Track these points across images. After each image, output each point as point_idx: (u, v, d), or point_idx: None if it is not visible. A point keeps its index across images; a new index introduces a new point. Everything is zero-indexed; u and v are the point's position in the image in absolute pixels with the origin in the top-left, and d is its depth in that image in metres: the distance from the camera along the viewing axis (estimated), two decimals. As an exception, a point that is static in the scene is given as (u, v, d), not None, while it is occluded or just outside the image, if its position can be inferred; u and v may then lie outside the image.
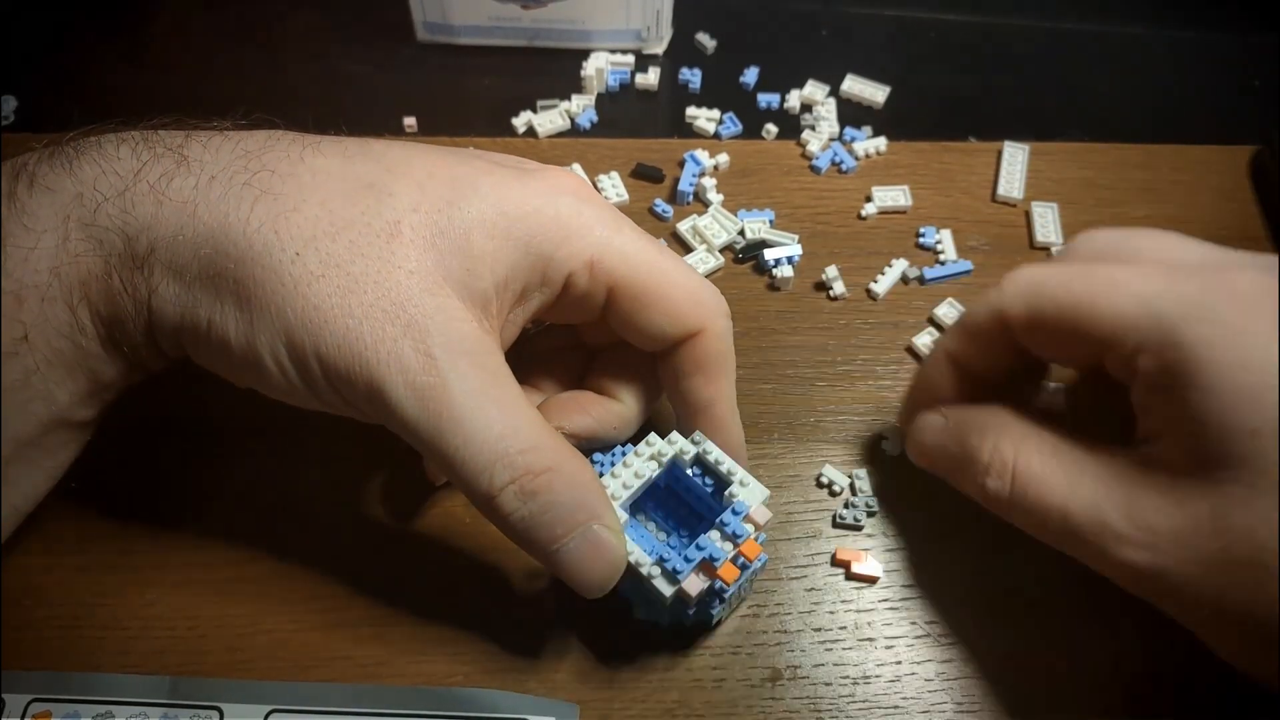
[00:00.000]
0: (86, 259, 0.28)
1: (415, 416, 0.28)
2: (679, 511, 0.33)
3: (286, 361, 0.28)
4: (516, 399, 0.29)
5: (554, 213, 0.30)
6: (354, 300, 0.28)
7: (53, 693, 0.31)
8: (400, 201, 0.29)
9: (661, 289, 0.31)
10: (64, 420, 0.30)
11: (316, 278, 0.28)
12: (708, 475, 0.32)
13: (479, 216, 0.29)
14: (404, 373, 0.27)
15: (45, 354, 0.29)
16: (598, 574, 0.29)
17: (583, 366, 0.36)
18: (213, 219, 0.28)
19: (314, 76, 0.50)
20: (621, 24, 0.50)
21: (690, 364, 0.32)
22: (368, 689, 0.32)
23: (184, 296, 0.29)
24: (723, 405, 0.33)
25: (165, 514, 0.35)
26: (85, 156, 0.29)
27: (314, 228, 0.28)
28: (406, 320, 0.28)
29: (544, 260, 0.30)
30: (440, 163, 0.30)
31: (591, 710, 0.32)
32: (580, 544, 0.28)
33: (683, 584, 0.29)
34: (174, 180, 0.29)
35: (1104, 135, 0.48)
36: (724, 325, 0.32)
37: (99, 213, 0.28)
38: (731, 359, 0.33)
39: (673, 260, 0.32)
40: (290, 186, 0.29)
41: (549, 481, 0.28)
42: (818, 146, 0.47)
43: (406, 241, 0.28)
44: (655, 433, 0.32)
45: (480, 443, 0.28)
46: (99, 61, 0.50)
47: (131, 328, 0.29)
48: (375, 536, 0.35)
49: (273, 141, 0.30)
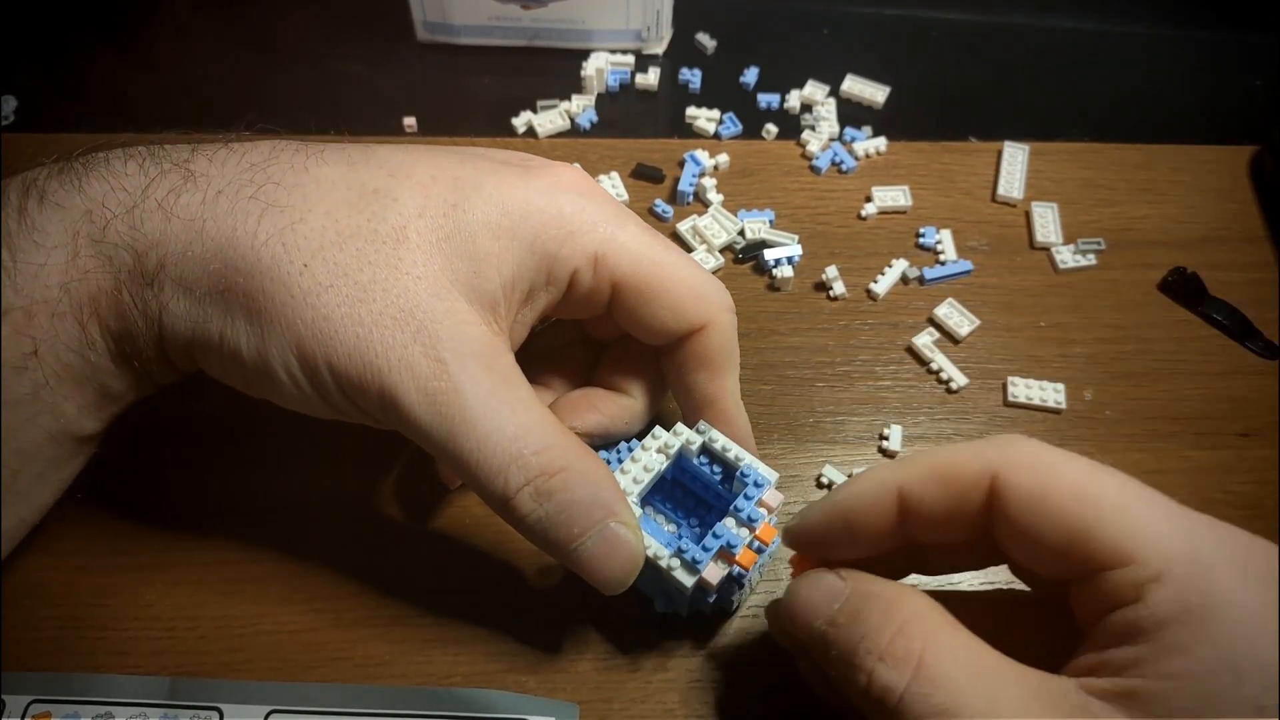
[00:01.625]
0: (96, 275, 0.29)
1: (428, 421, 0.28)
2: (686, 502, 0.34)
3: (299, 373, 0.28)
4: (528, 400, 0.29)
5: (557, 210, 0.30)
6: (363, 309, 0.28)
7: (53, 693, 0.31)
8: (405, 207, 0.29)
9: (665, 284, 0.31)
10: (71, 433, 0.30)
11: (325, 288, 0.28)
12: (715, 463, 0.32)
13: (483, 218, 0.29)
14: (415, 378, 0.28)
15: (54, 368, 0.29)
16: (617, 571, 0.29)
17: (590, 361, 0.36)
18: (221, 234, 0.28)
19: (314, 76, 0.50)
20: (621, 24, 0.50)
21: (694, 359, 0.32)
22: (368, 689, 0.32)
23: (195, 311, 0.29)
24: (728, 399, 0.33)
25: (165, 515, 0.35)
26: (94, 173, 0.29)
27: (321, 238, 0.28)
28: (416, 326, 0.28)
29: (549, 258, 0.30)
30: (443, 165, 0.30)
31: (591, 710, 0.32)
32: (598, 542, 0.29)
33: (703, 573, 0.30)
34: (181, 196, 0.29)
35: (1104, 135, 0.48)
36: (728, 320, 0.32)
37: (108, 229, 0.28)
38: (735, 353, 0.33)
39: (677, 255, 0.32)
40: (296, 198, 0.29)
41: (564, 481, 0.28)
42: (818, 146, 0.47)
43: (413, 247, 0.29)
44: (660, 426, 0.33)
45: (494, 445, 0.28)
46: (99, 61, 0.50)
47: (142, 343, 0.29)
48: (375, 537, 0.35)
49: (277, 153, 0.30)
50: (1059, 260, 0.43)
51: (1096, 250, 0.44)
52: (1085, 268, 0.43)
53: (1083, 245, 0.44)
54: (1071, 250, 0.44)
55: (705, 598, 0.32)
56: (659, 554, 0.30)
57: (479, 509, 0.36)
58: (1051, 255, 0.44)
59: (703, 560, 0.30)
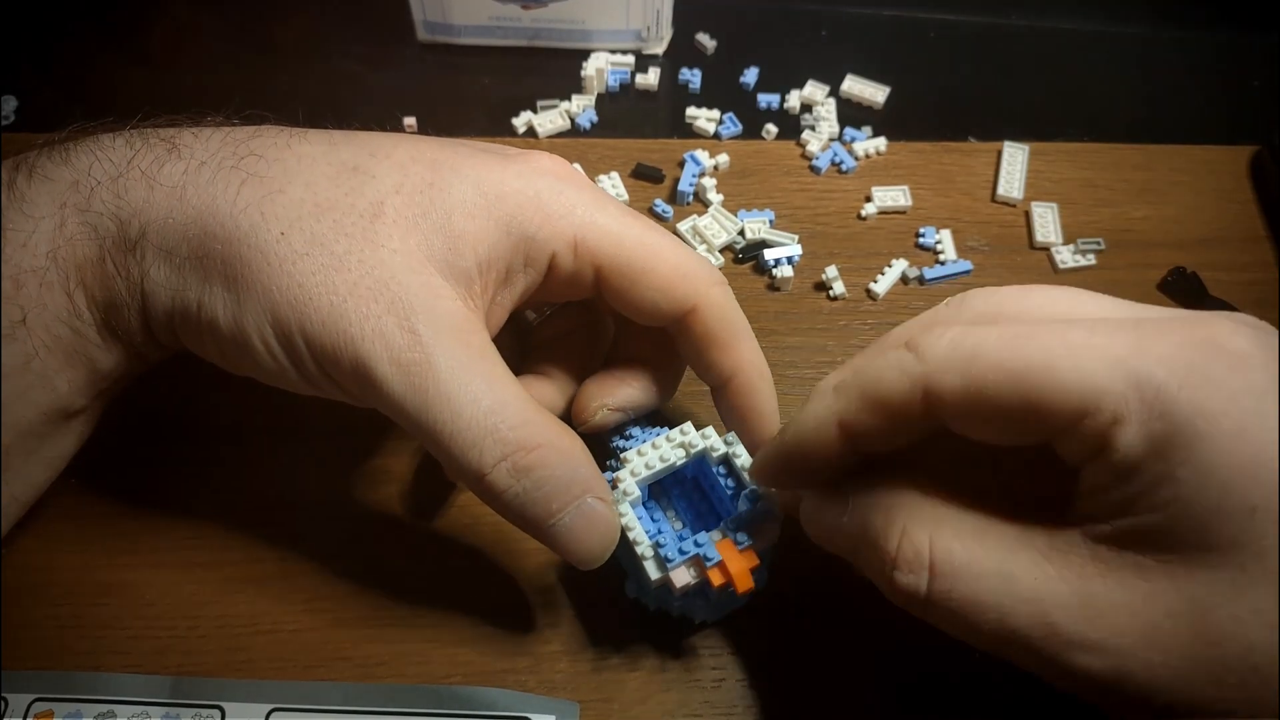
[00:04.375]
0: (82, 243, 0.29)
1: (401, 393, 0.28)
2: (699, 506, 0.33)
3: (273, 341, 0.29)
4: (503, 375, 0.29)
5: (534, 193, 0.30)
6: (338, 278, 0.28)
7: (55, 692, 0.31)
8: (383, 183, 0.29)
9: (648, 264, 0.31)
10: (64, 409, 0.30)
11: (301, 256, 0.28)
12: (731, 477, 0.32)
13: (460, 198, 0.30)
14: (389, 349, 0.28)
15: (44, 339, 0.29)
16: (593, 546, 0.29)
17: (590, 349, 0.36)
18: (201, 202, 0.29)
19: (314, 76, 0.50)
20: (621, 24, 0.50)
21: (698, 339, 0.32)
22: (368, 688, 0.32)
23: (174, 279, 0.29)
24: (747, 371, 0.33)
25: (166, 514, 0.35)
26: (81, 147, 0.30)
27: (299, 208, 0.29)
28: (390, 298, 0.28)
29: (525, 241, 0.30)
30: (423, 147, 0.31)
31: (591, 710, 0.32)
32: (575, 518, 0.29)
33: (670, 572, 0.30)
34: (165, 166, 0.29)
35: (1104, 135, 0.48)
36: (718, 294, 0.32)
37: (93, 198, 0.29)
38: (741, 324, 0.33)
39: (659, 235, 0.32)
40: (276, 170, 0.29)
41: (542, 458, 0.28)
42: (818, 147, 0.47)
43: (389, 221, 0.29)
44: (692, 423, 0.32)
45: (469, 418, 0.28)
46: (99, 61, 0.50)
47: (126, 313, 0.30)
48: (376, 537, 0.35)
49: (261, 131, 0.31)
50: (1059, 260, 0.43)
51: (1096, 250, 0.44)
52: (1085, 268, 0.43)
53: (1082, 245, 0.44)
54: (1071, 250, 0.44)
55: (672, 599, 0.31)
56: (638, 539, 0.30)
57: (479, 509, 0.36)
58: (1051, 255, 0.44)
59: (674, 561, 0.29)
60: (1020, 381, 0.23)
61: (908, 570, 0.25)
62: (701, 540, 0.30)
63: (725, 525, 0.30)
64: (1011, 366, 0.23)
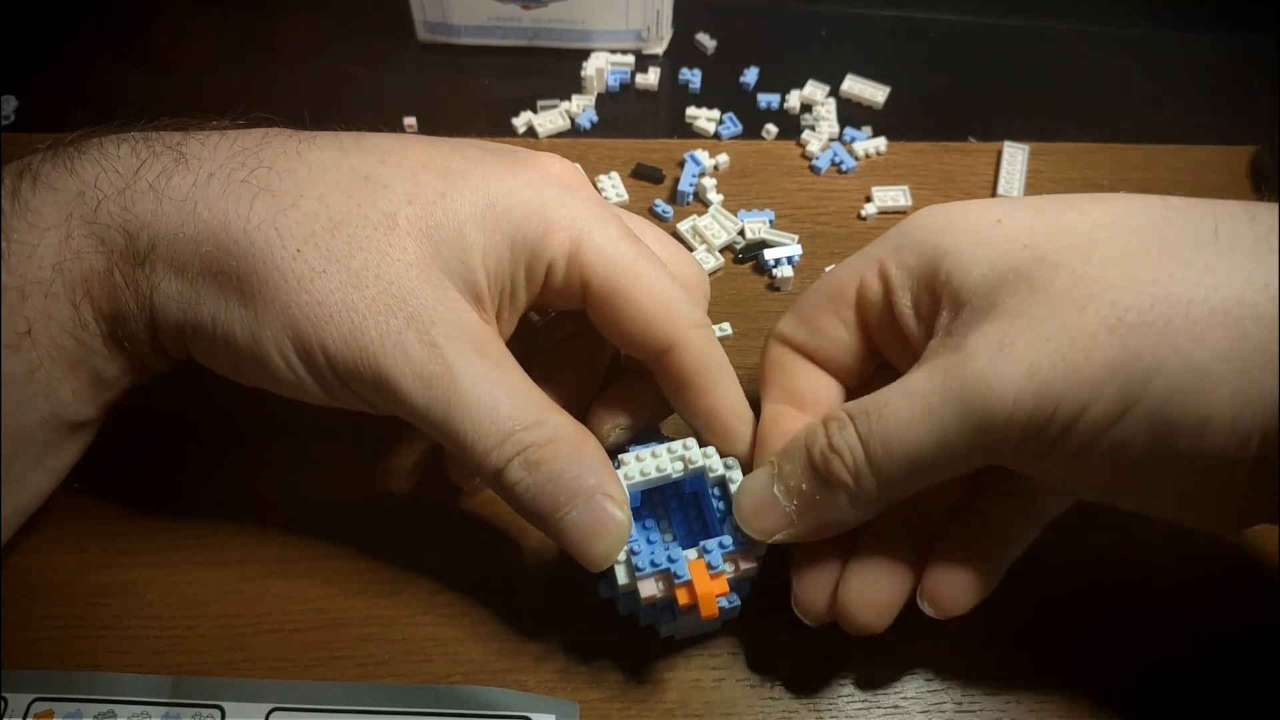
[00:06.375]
0: (89, 255, 0.29)
1: (425, 405, 0.28)
2: (694, 524, 0.33)
3: (293, 357, 0.29)
4: (521, 380, 0.30)
5: (540, 203, 0.30)
6: (356, 295, 0.28)
7: (55, 692, 0.31)
8: (395, 193, 0.29)
9: (632, 292, 0.30)
10: (67, 419, 0.30)
11: (319, 273, 0.28)
12: (724, 501, 0.31)
13: (471, 209, 0.30)
14: (411, 364, 0.28)
15: (49, 350, 0.29)
16: (600, 546, 0.29)
17: (593, 355, 0.35)
18: (213, 217, 0.29)
19: (314, 76, 0.50)
20: (621, 24, 0.50)
21: (674, 379, 0.31)
22: (369, 687, 0.32)
23: (186, 294, 0.29)
24: (723, 416, 0.31)
25: (166, 514, 0.35)
26: (87, 156, 0.30)
27: (313, 223, 0.29)
28: (409, 313, 0.28)
29: (528, 253, 0.30)
30: (433, 153, 0.31)
31: (591, 709, 0.32)
32: (583, 514, 0.29)
33: (638, 580, 0.29)
34: (173, 178, 0.29)
35: (1104, 135, 0.48)
36: (696, 337, 0.31)
37: (100, 210, 0.29)
38: (720, 368, 0.31)
39: (650, 264, 0.31)
40: (288, 182, 0.29)
41: (553, 452, 0.29)
42: (818, 147, 0.47)
43: (403, 234, 0.29)
44: (696, 439, 0.32)
45: (489, 424, 0.28)
46: (99, 61, 0.50)
47: (134, 325, 0.30)
48: (376, 536, 0.35)
49: (269, 138, 0.30)
50: (1059, 260, 0.43)
51: (1096, 250, 0.44)
52: (1085, 267, 0.43)
53: (1082, 245, 0.44)
54: (1071, 250, 0.44)
55: (639, 608, 0.31)
56: None
57: (480, 508, 0.36)
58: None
59: (644, 570, 0.29)
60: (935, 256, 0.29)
61: (836, 452, 0.28)
62: (675, 556, 0.29)
63: (703, 547, 0.30)
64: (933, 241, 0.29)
